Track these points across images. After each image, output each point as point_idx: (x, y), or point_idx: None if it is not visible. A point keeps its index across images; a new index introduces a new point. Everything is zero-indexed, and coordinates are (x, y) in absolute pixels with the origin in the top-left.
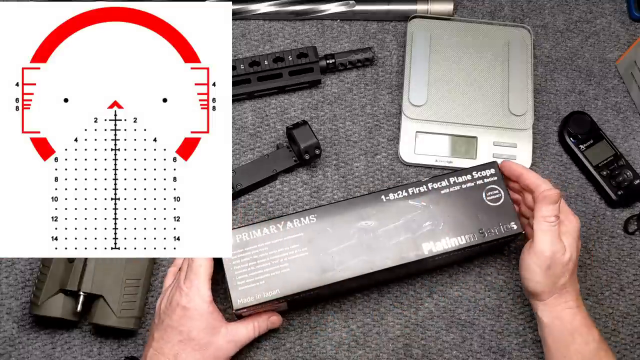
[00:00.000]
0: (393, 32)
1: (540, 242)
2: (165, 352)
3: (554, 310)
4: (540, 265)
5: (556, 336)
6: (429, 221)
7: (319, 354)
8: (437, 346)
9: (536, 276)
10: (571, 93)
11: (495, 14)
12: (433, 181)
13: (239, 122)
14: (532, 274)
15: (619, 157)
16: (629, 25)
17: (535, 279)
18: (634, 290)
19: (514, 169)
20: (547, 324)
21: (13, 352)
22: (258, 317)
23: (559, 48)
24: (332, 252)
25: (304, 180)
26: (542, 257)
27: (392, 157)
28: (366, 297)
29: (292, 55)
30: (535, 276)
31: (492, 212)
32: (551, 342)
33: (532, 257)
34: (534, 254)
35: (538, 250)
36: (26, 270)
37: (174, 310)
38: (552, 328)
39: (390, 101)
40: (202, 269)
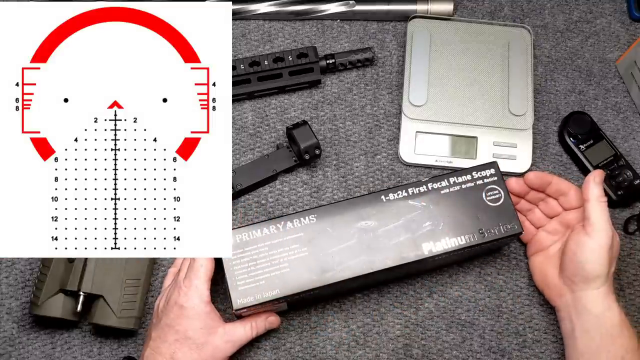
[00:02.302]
0: (393, 32)
1: (600, 221)
2: (162, 351)
3: (606, 300)
4: (605, 243)
5: (606, 328)
6: (429, 221)
7: (319, 354)
8: (437, 346)
9: (600, 258)
10: (571, 93)
11: (495, 14)
12: (433, 181)
13: (239, 122)
14: (596, 253)
15: (619, 157)
16: (629, 25)
17: (599, 260)
18: (634, 290)
19: (546, 177)
20: (597, 314)
21: (13, 352)
22: (256, 317)
23: (559, 48)
24: (332, 252)
25: (304, 180)
26: (606, 234)
27: (392, 157)
28: (366, 297)
29: (292, 55)
30: (598, 258)
31: (492, 212)
32: (599, 335)
33: (595, 238)
34: (596, 233)
35: (601, 229)
36: (26, 270)
37: (171, 309)
38: (602, 319)
39: (390, 101)
40: (202, 269)
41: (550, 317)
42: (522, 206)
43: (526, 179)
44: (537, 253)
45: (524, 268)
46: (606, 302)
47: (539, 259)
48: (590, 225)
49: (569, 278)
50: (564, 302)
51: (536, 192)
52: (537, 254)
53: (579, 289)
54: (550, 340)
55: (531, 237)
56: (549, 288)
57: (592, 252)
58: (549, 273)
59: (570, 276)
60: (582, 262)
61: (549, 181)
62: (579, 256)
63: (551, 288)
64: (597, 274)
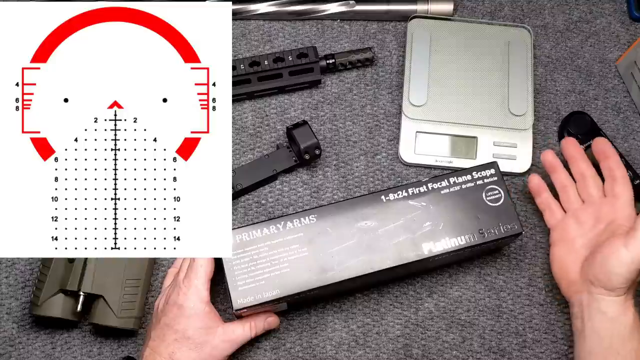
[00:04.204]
0: (393, 32)
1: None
2: (161, 351)
3: (625, 304)
4: (638, 261)
5: (618, 331)
6: (429, 221)
7: (319, 354)
8: (437, 346)
9: (629, 271)
10: (571, 93)
11: (495, 14)
12: (433, 181)
13: (239, 122)
14: (624, 268)
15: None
16: (629, 25)
17: (627, 274)
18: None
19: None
20: (612, 318)
21: (13, 352)
22: (255, 317)
23: (559, 48)
24: (332, 252)
25: (304, 180)
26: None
27: (392, 157)
28: (366, 297)
29: (292, 55)
30: (627, 271)
31: (492, 212)
32: (609, 337)
33: (632, 252)
34: (635, 249)
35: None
36: (26, 270)
37: (170, 309)
38: (616, 322)
39: (390, 101)
40: (202, 269)
41: (551, 317)
42: (559, 180)
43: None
44: (560, 243)
45: (524, 268)
46: (623, 307)
47: (561, 250)
48: (634, 238)
49: (590, 280)
50: (579, 299)
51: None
52: (559, 244)
53: (598, 292)
54: (550, 340)
55: (556, 222)
56: (567, 282)
57: (624, 264)
58: (570, 268)
59: (592, 279)
60: (611, 271)
61: (609, 155)
62: (610, 264)
63: (569, 283)
64: (621, 285)
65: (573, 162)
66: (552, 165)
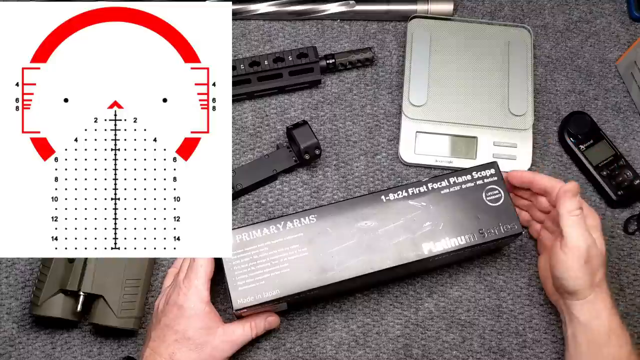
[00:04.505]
0: (393, 32)
1: (572, 236)
2: (161, 351)
3: (594, 308)
4: (577, 260)
5: (592, 336)
6: (429, 221)
7: (319, 354)
8: (437, 346)
9: (575, 272)
10: (571, 93)
11: (495, 14)
12: (433, 181)
13: (239, 122)
14: (570, 271)
15: (619, 157)
16: (629, 25)
17: (574, 275)
18: (634, 290)
19: (525, 176)
20: (584, 323)
21: (13, 352)
22: (255, 317)
23: (559, 48)
24: (332, 252)
25: (304, 180)
26: (578, 251)
27: (392, 157)
28: (366, 297)
29: (292, 55)
30: (574, 273)
31: (492, 212)
32: (586, 343)
33: (568, 254)
34: (569, 250)
35: (573, 246)
36: (26, 270)
37: (170, 310)
38: (589, 327)
39: (390, 101)
40: (202, 269)
41: (550, 317)
42: (521, 202)
43: (511, 177)
44: (542, 253)
45: (524, 268)
46: (593, 311)
47: (543, 260)
48: (564, 240)
49: (555, 288)
50: (560, 306)
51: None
52: (542, 255)
53: (565, 298)
54: (550, 340)
55: (537, 234)
56: (549, 292)
57: (567, 268)
58: (549, 275)
59: (555, 287)
60: (559, 277)
61: (530, 180)
62: (556, 271)
63: (550, 291)
64: (575, 288)
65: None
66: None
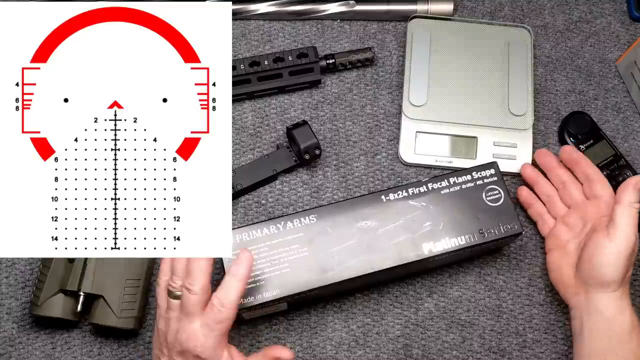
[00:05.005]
0: (393, 32)
1: (626, 228)
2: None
3: (620, 304)
4: (624, 250)
5: (615, 331)
6: (429, 221)
7: (319, 354)
8: (437, 346)
9: (619, 262)
10: (571, 93)
11: (495, 14)
12: (433, 181)
13: (239, 122)
14: (614, 259)
15: (619, 157)
16: (629, 25)
17: (616, 266)
18: (634, 290)
19: (575, 155)
20: (608, 317)
21: (13, 352)
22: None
23: (559, 48)
24: (332, 252)
25: (304, 180)
26: (628, 243)
27: (392, 157)
28: (366, 297)
29: (292, 55)
30: (616, 263)
31: (492, 212)
32: (607, 338)
33: (617, 243)
34: (619, 239)
35: (624, 236)
36: (26, 270)
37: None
38: (613, 322)
39: (390, 101)
40: (202, 273)
41: (551, 317)
42: (542, 191)
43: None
44: (555, 250)
45: (524, 268)
46: (619, 305)
47: (556, 256)
48: (615, 228)
49: (584, 279)
50: (577, 301)
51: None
52: (554, 251)
53: (594, 290)
54: (550, 340)
55: (549, 230)
56: (564, 286)
57: (611, 256)
58: (565, 271)
59: (585, 278)
60: (599, 265)
61: (578, 161)
62: (597, 259)
63: (566, 286)
64: (613, 279)
65: (550, 171)
66: (532, 178)
